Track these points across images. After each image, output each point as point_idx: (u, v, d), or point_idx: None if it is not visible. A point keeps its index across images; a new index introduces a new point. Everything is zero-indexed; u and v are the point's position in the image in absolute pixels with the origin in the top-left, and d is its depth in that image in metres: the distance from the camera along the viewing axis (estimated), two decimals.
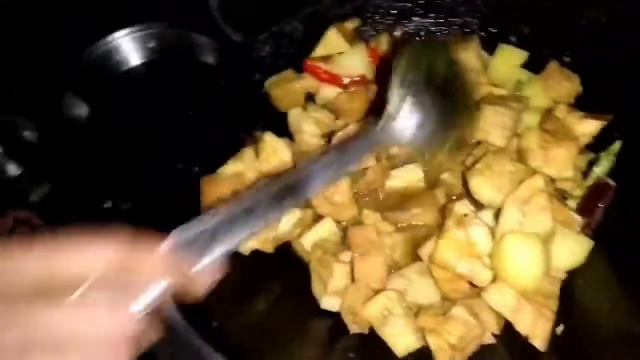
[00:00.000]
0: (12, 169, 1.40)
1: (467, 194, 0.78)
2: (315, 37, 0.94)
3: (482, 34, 0.94)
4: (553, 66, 0.87)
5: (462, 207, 0.76)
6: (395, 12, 0.97)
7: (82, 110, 1.38)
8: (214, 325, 0.66)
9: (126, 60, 1.42)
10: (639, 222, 0.73)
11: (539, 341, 0.67)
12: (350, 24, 0.96)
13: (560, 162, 0.78)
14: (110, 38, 1.39)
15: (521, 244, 0.68)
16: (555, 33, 0.87)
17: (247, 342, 0.66)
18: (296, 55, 0.94)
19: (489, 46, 0.92)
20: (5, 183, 1.38)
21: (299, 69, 0.94)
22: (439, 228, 0.76)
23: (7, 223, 1.12)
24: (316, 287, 0.79)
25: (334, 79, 0.91)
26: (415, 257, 0.77)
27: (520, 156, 0.80)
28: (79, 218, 1.31)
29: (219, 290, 0.73)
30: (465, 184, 0.78)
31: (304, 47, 0.94)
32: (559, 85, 0.86)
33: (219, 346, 0.62)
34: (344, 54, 0.92)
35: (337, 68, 0.91)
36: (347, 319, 0.75)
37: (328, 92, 0.92)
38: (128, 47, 1.41)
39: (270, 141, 0.86)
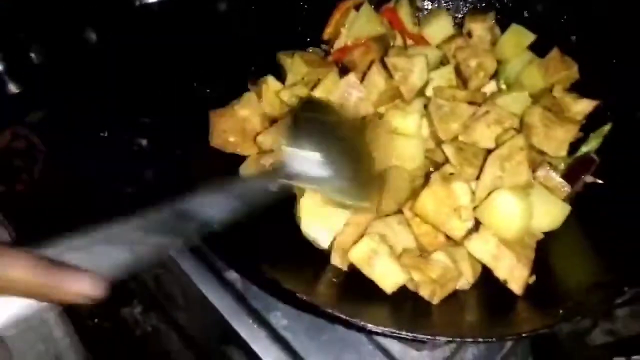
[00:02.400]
0: (12, 87, 1.41)
1: None
2: None
3: (498, 5, 0.98)
4: (554, 53, 0.92)
5: (450, 168, 0.81)
6: None
7: (90, 35, 1.39)
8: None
9: None
10: (615, 197, 0.80)
11: (516, 285, 0.72)
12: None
13: (558, 142, 0.83)
14: None
15: (509, 197, 0.73)
16: (565, 13, 0.92)
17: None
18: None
19: (502, 19, 0.97)
20: (4, 100, 1.38)
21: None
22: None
23: (5, 137, 1.14)
24: None
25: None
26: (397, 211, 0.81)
27: (524, 130, 0.84)
28: (76, 144, 1.34)
29: None
30: None
31: None
32: (558, 72, 0.91)
33: (218, 247, 0.67)
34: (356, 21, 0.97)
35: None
36: (336, 254, 0.78)
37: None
38: None
39: (272, 82, 0.90)
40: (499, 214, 0.74)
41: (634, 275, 0.65)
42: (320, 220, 0.78)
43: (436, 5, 1.03)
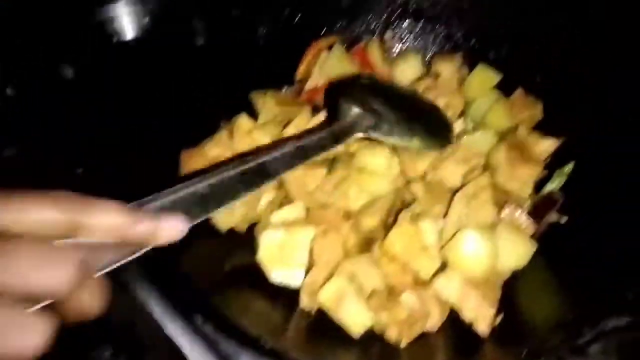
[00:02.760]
0: None
1: None
2: (308, 26, 1.00)
3: (465, 47, 1.01)
4: (519, 93, 0.95)
5: (418, 206, 0.82)
6: (387, 16, 1.04)
7: (67, 72, 1.40)
8: (183, 272, 0.69)
9: (119, 33, 1.44)
10: (581, 235, 0.81)
11: (482, 325, 0.72)
12: (330, 40, 1.02)
13: (523, 182, 0.84)
14: (107, 8, 1.42)
15: (475, 237, 0.75)
16: (530, 55, 0.95)
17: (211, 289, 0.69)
18: (288, 39, 1.01)
19: (469, 60, 1.00)
20: None
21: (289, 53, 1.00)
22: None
23: None
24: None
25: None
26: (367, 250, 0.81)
27: (489, 169, 0.86)
28: (48, 181, 1.33)
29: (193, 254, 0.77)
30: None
31: (297, 33, 1.01)
32: (523, 111, 0.93)
33: (186, 291, 0.67)
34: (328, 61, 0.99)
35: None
36: (304, 295, 0.78)
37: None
38: (124, 20, 1.44)
39: (245, 121, 0.90)
40: (465, 254, 0.75)
41: (595, 315, 0.65)
42: (285, 261, 0.78)
43: (406, 46, 1.06)
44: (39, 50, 1.34)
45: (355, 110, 0.78)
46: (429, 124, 0.86)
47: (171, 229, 0.47)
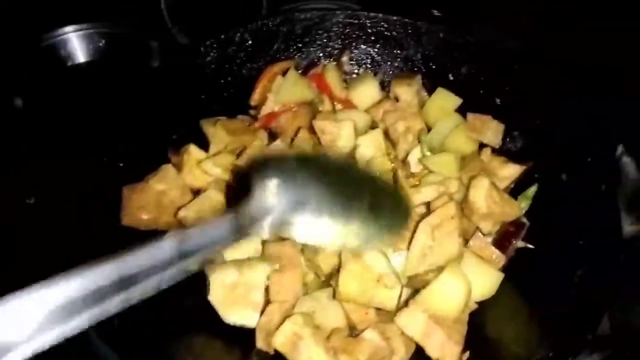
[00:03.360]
0: None
1: None
2: (261, 50, 0.97)
3: (423, 69, 0.99)
4: (479, 117, 0.92)
5: None
6: (344, 38, 1.00)
7: (17, 102, 1.33)
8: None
9: (72, 56, 1.38)
10: (547, 261, 0.78)
11: None
12: (285, 64, 0.99)
13: (494, 221, 0.81)
14: (59, 32, 1.36)
15: (452, 279, 0.70)
16: (488, 77, 0.93)
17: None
18: (241, 64, 0.97)
19: (429, 82, 0.97)
20: None
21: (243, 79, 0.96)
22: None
23: None
24: None
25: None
26: (326, 284, 0.78)
27: (465, 204, 0.82)
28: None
29: None
30: None
31: (250, 58, 0.97)
32: (482, 133, 0.90)
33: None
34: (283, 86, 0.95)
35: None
36: (260, 337, 0.73)
37: None
38: (76, 43, 1.39)
39: (194, 152, 0.86)
40: (440, 294, 0.70)
41: (564, 353, 0.62)
42: (239, 301, 0.73)
43: (363, 69, 1.03)
44: None
45: (271, 188, 0.54)
46: (376, 204, 0.62)
47: None
